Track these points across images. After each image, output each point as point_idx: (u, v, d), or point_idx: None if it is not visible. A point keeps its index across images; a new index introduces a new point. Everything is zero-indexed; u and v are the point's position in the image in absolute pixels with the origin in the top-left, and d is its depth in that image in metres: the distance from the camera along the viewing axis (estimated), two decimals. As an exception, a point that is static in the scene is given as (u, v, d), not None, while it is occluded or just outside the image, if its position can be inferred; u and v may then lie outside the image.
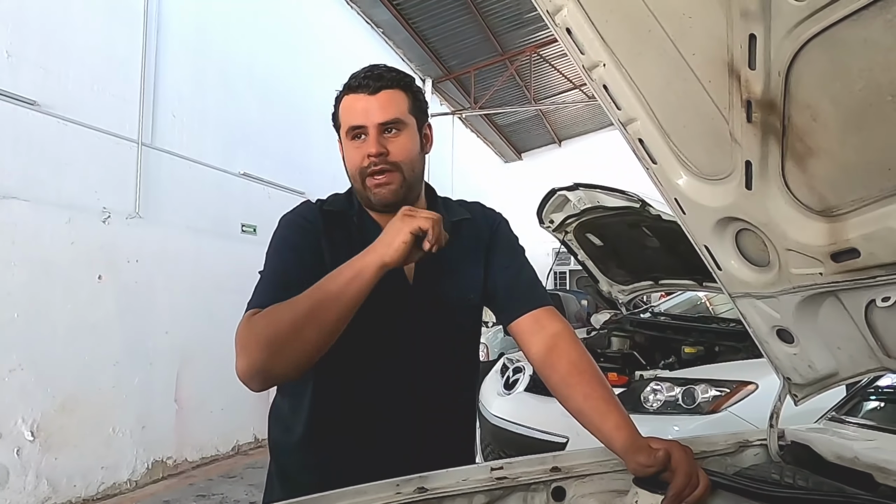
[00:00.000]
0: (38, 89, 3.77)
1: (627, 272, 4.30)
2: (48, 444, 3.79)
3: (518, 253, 1.38)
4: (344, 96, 1.22)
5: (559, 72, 11.88)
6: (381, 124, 1.18)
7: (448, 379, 1.30)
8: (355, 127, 1.19)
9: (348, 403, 1.24)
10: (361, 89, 1.19)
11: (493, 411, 3.55)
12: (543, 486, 1.11)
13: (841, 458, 1.20)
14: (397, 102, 1.20)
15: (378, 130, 1.18)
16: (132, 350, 4.45)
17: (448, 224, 1.31)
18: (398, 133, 1.20)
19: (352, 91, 1.20)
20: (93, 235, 4.16)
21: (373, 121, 1.18)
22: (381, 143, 1.18)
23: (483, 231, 1.36)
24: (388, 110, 1.19)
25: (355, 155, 1.20)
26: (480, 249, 1.33)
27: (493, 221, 1.39)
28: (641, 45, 0.89)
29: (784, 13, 0.71)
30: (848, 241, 0.88)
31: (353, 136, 1.20)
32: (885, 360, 1.08)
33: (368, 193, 1.21)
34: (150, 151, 4.63)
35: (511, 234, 1.40)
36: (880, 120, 0.74)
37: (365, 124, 1.18)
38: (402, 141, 1.20)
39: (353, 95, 1.20)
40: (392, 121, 1.19)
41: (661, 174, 1.05)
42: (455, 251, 1.29)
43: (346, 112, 1.21)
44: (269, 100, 6.18)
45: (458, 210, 1.37)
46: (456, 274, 1.30)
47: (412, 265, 1.25)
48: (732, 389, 2.84)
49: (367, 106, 1.18)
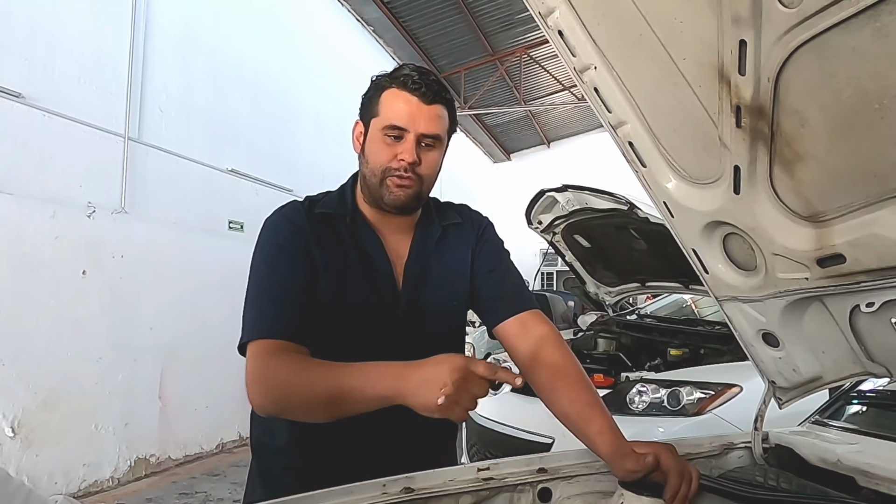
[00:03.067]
0: (23, 81, 3.72)
1: (614, 274, 4.32)
2: (29, 440, 3.74)
3: (504, 256, 1.38)
4: (390, 88, 1.19)
5: (549, 73, 11.91)
6: (423, 135, 1.17)
7: None
8: (398, 127, 1.17)
9: None
10: (417, 93, 1.16)
11: (479, 411, 3.55)
12: (530, 487, 1.11)
13: (824, 462, 1.21)
14: (443, 119, 1.21)
15: (417, 140, 1.17)
16: (116, 346, 4.41)
17: (439, 228, 1.32)
18: (433, 149, 1.20)
19: (405, 89, 1.17)
20: (77, 230, 4.11)
21: (418, 130, 1.16)
22: (418, 153, 1.17)
23: (470, 235, 1.36)
24: (435, 125, 1.18)
25: (385, 152, 1.18)
26: (468, 253, 1.34)
27: (480, 225, 1.39)
28: (633, 48, 0.90)
29: (774, 20, 0.71)
30: (834, 247, 0.89)
31: (390, 135, 1.18)
32: (869, 365, 1.09)
33: (384, 191, 1.20)
34: (137, 146, 4.58)
35: (497, 237, 1.40)
36: (867, 127, 0.75)
37: (409, 129, 1.16)
38: (433, 157, 1.21)
39: (405, 94, 1.17)
40: (434, 136, 1.19)
41: (650, 177, 1.05)
42: (444, 256, 1.31)
43: (392, 108, 1.17)
44: (258, 96, 6.14)
45: (449, 214, 1.37)
46: (445, 279, 1.29)
47: (400, 272, 1.26)
48: (717, 392, 2.87)
49: (418, 113, 1.16)
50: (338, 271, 1.21)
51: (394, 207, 1.22)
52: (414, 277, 1.26)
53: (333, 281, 1.20)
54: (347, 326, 1.21)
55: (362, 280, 1.22)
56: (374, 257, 1.24)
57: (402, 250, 1.28)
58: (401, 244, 1.28)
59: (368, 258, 1.24)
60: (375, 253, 1.25)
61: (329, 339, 1.20)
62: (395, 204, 1.21)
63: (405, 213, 1.26)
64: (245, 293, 1.17)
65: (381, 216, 1.26)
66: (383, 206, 1.23)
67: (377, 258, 1.25)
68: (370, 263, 1.24)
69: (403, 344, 1.23)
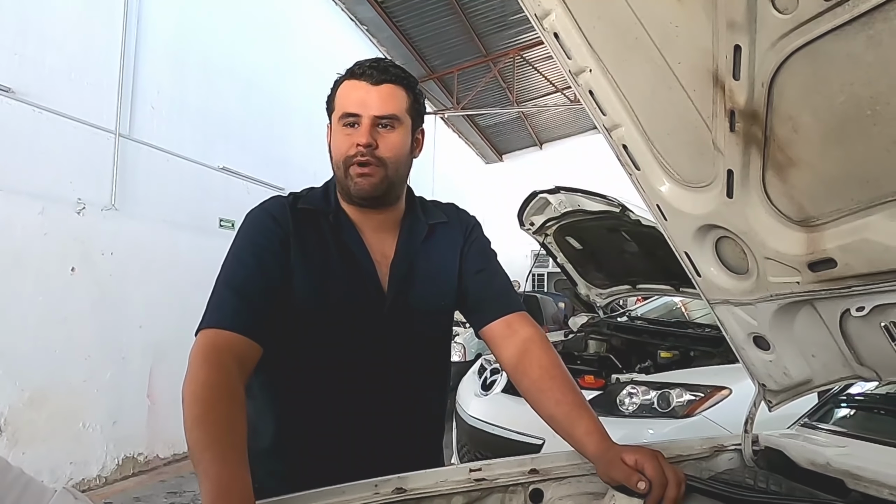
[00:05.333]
0: (12, 76, 3.69)
1: (606, 276, 4.33)
2: (15, 438, 3.71)
3: (491, 257, 1.36)
4: (344, 81, 1.19)
5: (542, 75, 11.93)
6: (377, 117, 1.15)
7: (421, 384, 1.29)
8: (350, 114, 1.16)
9: (318, 412, 1.21)
10: (364, 77, 1.16)
11: (469, 412, 3.56)
12: (521, 488, 1.12)
13: (813, 464, 1.22)
14: (397, 98, 1.18)
15: (372, 122, 1.15)
16: (105, 344, 4.37)
17: (426, 226, 1.30)
18: (391, 130, 1.17)
19: (354, 77, 1.17)
20: (67, 227, 4.08)
21: (369, 112, 1.15)
22: (373, 135, 1.15)
23: (457, 234, 1.34)
24: (387, 104, 1.16)
25: (344, 142, 1.17)
26: (455, 252, 1.32)
27: (468, 225, 1.37)
28: (628, 52, 0.90)
29: (769, 25, 0.72)
30: (825, 252, 0.90)
31: (346, 123, 1.17)
32: (858, 369, 1.10)
33: (349, 182, 1.18)
34: (128, 143, 4.55)
35: (484, 237, 1.39)
36: (859, 133, 0.75)
37: (360, 113, 1.15)
38: (393, 138, 1.18)
39: (354, 82, 1.17)
40: (388, 116, 1.16)
41: (643, 180, 1.06)
42: (431, 256, 1.29)
43: (343, 97, 1.17)
44: (250, 94, 6.12)
45: (435, 213, 1.35)
46: (431, 280, 1.28)
47: (385, 272, 1.23)
48: (707, 394, 2.88)
49: (367, 96, 1.15)
50: (319, 270, 1.19)
51: (361, 198, 1.19)
52: (400, 277, 1.24)
53: (314, 280, 1.18)
54: (330, 326, 1.19)
55: (345, 279, 1.20)
56: (357, 256, 1.22)
57: (388, 249, 1.26)
58: (386, 242, 1.26)
59: (351, 256, 1.22)
60: (358, 251, 1.22)
61: (311, 340, 1.19)
62: (360, 194, 1.18)
63: (378, 206, 1.23)
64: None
65: (364, 214, 1.24)
66: (353, 199, 1.21)
67: (360, 257, 1.22)
68: (353, 262, 1.22)
69: (389, 345, 1.22)
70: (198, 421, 0.93)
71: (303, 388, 1.21)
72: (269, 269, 1.14)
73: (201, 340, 1.05)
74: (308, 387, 1.21)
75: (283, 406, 1.23)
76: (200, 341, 1.05)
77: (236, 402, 0.98)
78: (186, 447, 0.93)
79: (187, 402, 0.96)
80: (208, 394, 0.97)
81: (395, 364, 1.23)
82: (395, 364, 1.23)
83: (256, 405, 1.26)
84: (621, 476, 0.99)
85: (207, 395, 0.96)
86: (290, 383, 1.22)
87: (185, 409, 0.95)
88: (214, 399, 0.96)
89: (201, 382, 0.98)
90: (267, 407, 1.24)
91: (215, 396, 0.96)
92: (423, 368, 1.28)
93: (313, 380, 1.21)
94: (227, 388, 0.98)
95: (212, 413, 0.94)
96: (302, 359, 1.20)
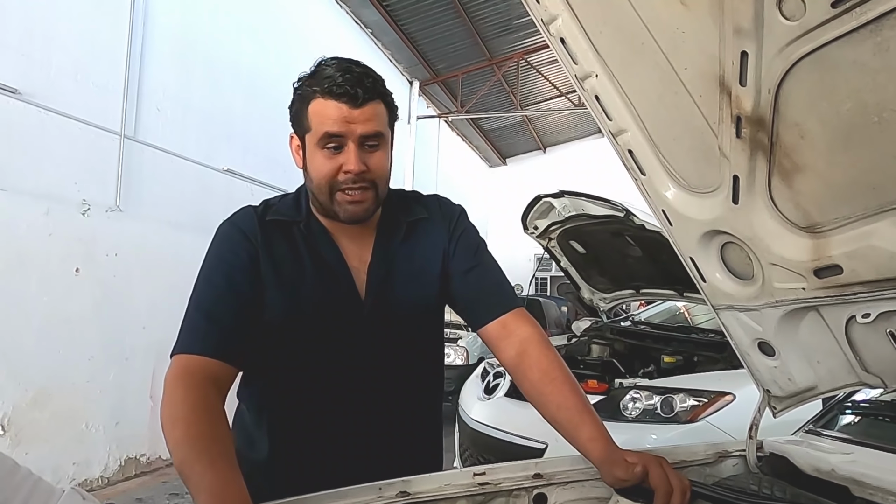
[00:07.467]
0: (19, 77, 3.70)
1: (609, 280, 4.33)
2: (18, 438, 3.71)
3: (480, 251, 1.30)
4: (315, 98, 1.10)
5: (546, 79, 11.95)
6: (363, 136, 1.10)
7: (413, 386, 1.26)
8: (333, 135, 1.09)
9: (307, 421, 1.19)
10: (344, 98, 1.07)
11: (472, 416, 3.55)
12: (525, 493, 1.11)
13: (818, 471, 1.22)
14: (380, 115, 1.12)
15: (358, 144, 1.10)
16: (108, 345, 4.38)
17: (403, 225, 1.26)
18: (377, 148, 1.13)
19: (331, 97, 1.08)
20: (71, 228, 4.09)
21: (355, 133, 1.09)
22: (362, 158, 1.10)
23: (441, 230, 1.28)
24: (372, 124, 1.10)
25: (326, 165, 1.11)
26: (438, 250, 1.27)
27: (451, 217, 1.31)
28: (634, 57, 0.90)
29: (776, 32, 0.72)
30: (831, 258, 0.90)
31: (327, 146, 1.10)
32: (864, 375, 1.09)
33: (336, 208, 1.13)
34: (133, 144, 4.57)
35: (471, 227, 1.32)
36: (866, 140, 0.75)
37: (345, 134, 1.09)
38: (380, 156, 1.13)
39: (333, 102, 1.08)
40: (374, 134, 1.11)
41: (649, 186, 1.06)
42: (412, 256, 1.25)
43: (321, 118, 1.09)
44: (255, 96, 6.13)
45: (415, 208, 1.29)
46: (413, 281, 1.23)
47: (363, 277, 1.20)
48: (710, 399, 2.87)
49: (350, 117, 1.08)
50: (291, 281, 1.16)
51: (352, 223, 1.16)
52: (378, 281, 1.20)
53: (286, 292, 1.15)
54: (308, 337, 1.17)
55: (319, 288, 1.17)
56: (331, 264, 1.19)
57: (365, 253, 1.22)
58: (362, 248, 1.22)
59: (325, 265, 1.19)
60: (332, 259, 1.19)
61: (291, 351, 1.17)
62: (353, 220, 1.15)
63: (364, 223, 1.20)
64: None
65: (337, 224, 1.20)
66: (336, 219, 1.17)
67: (335, 264, 1.19)
68: (328, 270, 1.18)
69: (372, 351, 1.19)
70: (181, 440, 0.93)
71: (289, 399, 1.20)
72: (239, 286, 1.12)
73: (175, 365, 1.05)
74: (294, 397, 1.19)
75: (273, 418, 1.21)
76: (174, 366, 1.04)
77: (217, 416, 0.98)
78: (176, 471, 0.92)
79: (167, 425, 0.96)
80: (187, 412, 0.96)
81: (382, 369, 1.20)
82: (381, 369, 1.20)
83: (248, 413, 1.26)
84: (623, 472, 0.99)
85: (186, 414, 0.96)
86: (277, 395, 1.21)
87: (165, 433, 0.95)
88: (194, 416, 0.96)
89: (178, 402, 0.98)
90: (259, 415, 1.23)
91: (195, 414, 0.96)
92: (412, 371, 1.25)
93: (298, 390, 1.19)
94: (205, 405, 0.98)
95: (193, 428, 0.94)
96: (285, 370, 1.19)
